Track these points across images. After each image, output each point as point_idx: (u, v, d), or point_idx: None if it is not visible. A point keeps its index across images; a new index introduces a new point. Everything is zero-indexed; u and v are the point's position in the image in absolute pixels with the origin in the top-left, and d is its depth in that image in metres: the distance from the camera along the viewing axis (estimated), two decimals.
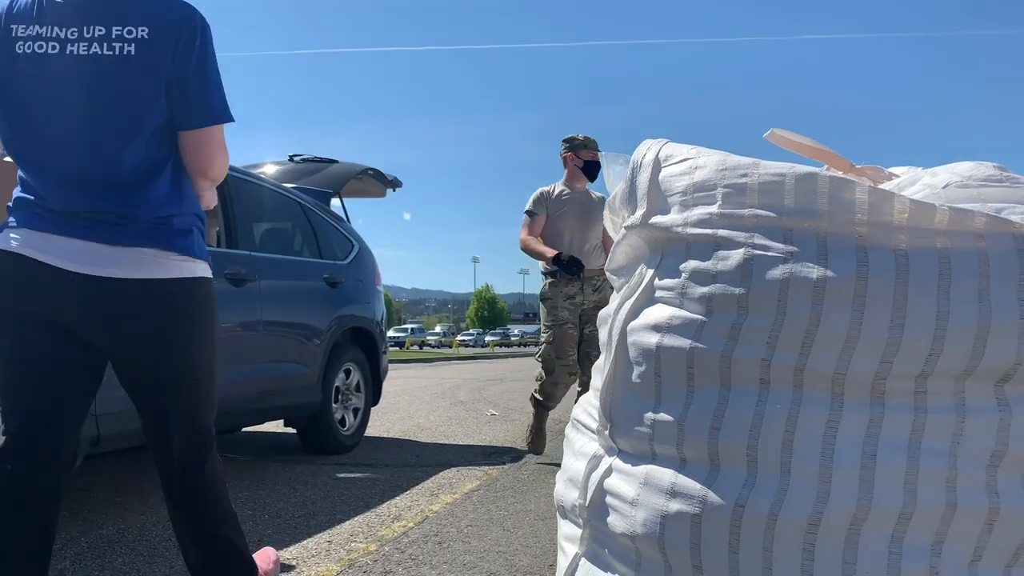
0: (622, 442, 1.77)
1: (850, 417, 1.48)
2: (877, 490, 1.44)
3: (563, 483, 1.98)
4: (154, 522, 3.12)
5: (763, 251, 1.55)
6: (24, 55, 1.61)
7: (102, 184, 1.65)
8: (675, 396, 1.65)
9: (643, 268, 1.82)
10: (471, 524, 3.19)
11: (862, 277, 1.46)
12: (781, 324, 1.51)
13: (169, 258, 1.69)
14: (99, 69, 1.61)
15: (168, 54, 1.64)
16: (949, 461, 1.44)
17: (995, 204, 1.53)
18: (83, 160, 1.64)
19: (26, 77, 1.62)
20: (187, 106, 1.70)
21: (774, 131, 2.01)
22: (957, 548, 1.43)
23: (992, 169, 1.67)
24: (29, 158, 1.67)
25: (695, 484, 1.57)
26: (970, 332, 1.43)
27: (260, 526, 3.11)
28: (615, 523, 1.70)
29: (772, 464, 1.50)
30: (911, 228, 1.48)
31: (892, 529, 1.43)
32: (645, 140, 1.90)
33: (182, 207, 1.74)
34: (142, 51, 1.62)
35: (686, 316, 1.64)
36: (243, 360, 3.92)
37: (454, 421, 6.88)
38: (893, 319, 1.44)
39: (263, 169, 5.95)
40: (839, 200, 1.51)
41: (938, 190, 1.64)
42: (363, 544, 2.87)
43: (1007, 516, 1.43)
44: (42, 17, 1.62)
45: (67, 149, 1.64)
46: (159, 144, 1.70)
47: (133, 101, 1.64)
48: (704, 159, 1.71)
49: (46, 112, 1.63)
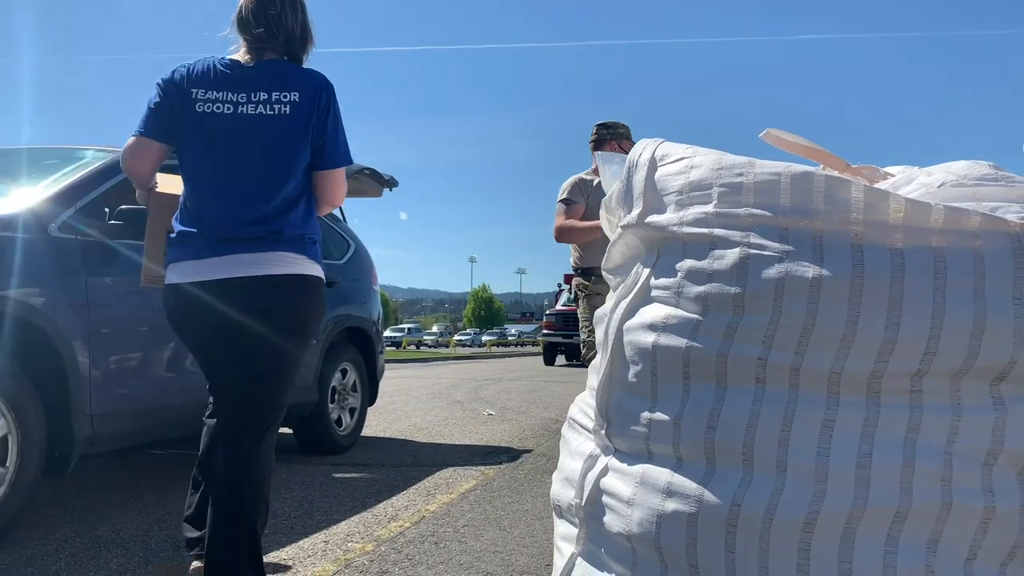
0: (618, 441, 1.77)
1: (846, 416, 1.48)
2: (873, 489, 1.44)
3: (559, 483, 1.98)
4: (150, 523, 3.11)
5: (759, 250, 1.55)
6: (203, 113, 2.09)
7: (261, 211, 2.09)
8: (671, 395, 1.65)
9: (639, 267, 1.82)
10: (468, 524, 3.18)
11: (858, 276, 1.46)
12: (777, 323, 1.51)
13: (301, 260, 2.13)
14: (263, 125, 2.08)
15: (313, 113, 2.12)
16: (945, 460, 1.44)
17: (990, 203, 1.54)
18: (249, 193, 2.09)
19: (206, 130, 2.09)
20: (324, 152, 2.17)
21: (769, 131, 2.01)
22: (952, 547, 1.44)
23: (987, 168, 1.67)
24: (205, 191, 2.11)
25: (691, 483, 1.57)
26: (965, 331, 1.43)
27: None
28: (611, 522, 1.70)
29: (768, 463, 1.51)
30: (907, 227, 1.48)
31: (888, 528, 1.43)
32: (641, 139, 1.90)
33: (311, 228, 2.19)
34: (294, 111, 2.10)
35: (682, 315, 1.64)
36: None
37: (451, 421, 6.88)
38: (889, 318, 1.44)
39: None
40: (835, 199, 1.52)
41: (934, 189, 1.64)
42: (360, 544, 2.87)
43: (1002, 515, 1.44)
44: (217, 84, 2.10)
45: (237, 186, 2.09)
46: (301, 181, 2.16)
47: (287, 149, 2.11)
48: (700, 158, 1.71)
49: (222, 157, 2.09)
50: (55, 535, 2.89)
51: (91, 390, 2.98)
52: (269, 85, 2.10)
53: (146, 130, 2.12)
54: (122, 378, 3.20)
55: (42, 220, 2.98)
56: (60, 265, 2.96)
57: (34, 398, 2.76)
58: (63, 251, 2.99)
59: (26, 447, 2.71)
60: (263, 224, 2.08)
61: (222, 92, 2.09)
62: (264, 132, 2.09)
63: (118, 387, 3.16)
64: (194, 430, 3.83)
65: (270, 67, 2.14)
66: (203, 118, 2.08)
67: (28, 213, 2.95)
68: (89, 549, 2.75)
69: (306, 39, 2.23)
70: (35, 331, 2.80)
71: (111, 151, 3.56)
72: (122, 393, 3.18)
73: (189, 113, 2.09)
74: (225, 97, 2.09)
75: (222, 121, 2.08)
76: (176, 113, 2.11)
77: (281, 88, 2.10)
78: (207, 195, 2.11)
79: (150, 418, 3.36)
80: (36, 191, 3.16)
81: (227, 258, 2.06)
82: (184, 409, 3.56)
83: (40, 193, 3.13)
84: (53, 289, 2.89)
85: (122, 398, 3.18)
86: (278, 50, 2.18)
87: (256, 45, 2.16)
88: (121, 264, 3.23)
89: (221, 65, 2.13)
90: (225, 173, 2.10)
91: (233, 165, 2.09)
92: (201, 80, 2.11)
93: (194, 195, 2.13)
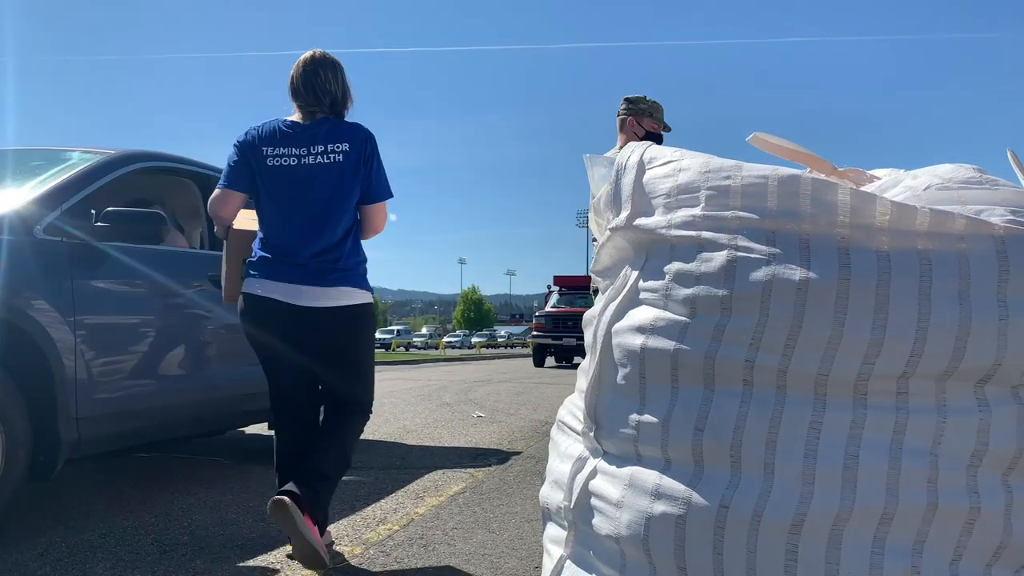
0: (607, 444, 1.78)
1: (833, 418, 1.49)
2: (860, 490, 1.45)
3: (548, 485, 1.98)
4: (136, 527, 3.09)
5: (746, 253, 1.55)
6: (273, 166, 2.61)
7: (323, 241, 2.60)
8: (659, 397, 1.65)
9: (628, 270, 1.82)
10: (457, 527, 3.18)
11: (844, 279, 1.47)
12: (764, 325, 1.52)
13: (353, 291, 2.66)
14: (322, 172, 2.59)
15: (361, 160, 2.63)
16: (930, 461, 1.45)
17: (975, 206, 1.55)
18: (313, 227, 2.59)
19: (276, 179, 2.61)
20: (370, 190, 2.69)
21: (757, 135, 2.02)
22: (938, 548, 1.44)
23: (972, 171, 1.68)
24: (278, 227, 2.62)
25: (679, 485, 1.57)
26: (951, 333, 1.44)
27: (245, 529, 3.09)
28: (600, 525, 1.70)
29: (756, 465, 1.51)
30: (893, 230, 1.49)
31: (874, 529, 1.44)
32: (629, 143, 1.90)
33: (359, 256, 2.72)
34: (346, 159, 2.61)
35: (670, 317, 1.65)
36: (228, 362, 3.90)
37: (440, 423, 6.86)
38: (875, 320, 1.45)
39: None
40: (821, 202, 1.52)
41: (919, 192, 1.65)
42: (348, 547, 2.86)
43: (987, 516, 1.45)
44: (282, 141, 2.61)
45: (304, 221, 2.59)
46: (352, 215, 2.68)
47: (343, 190, 2.61)
48: (688, 161, 1.72)
49: (291, 200, 2.60)
50: (41, 540, 2.87)
51: (77, 392, 2.96)
52: (324, 139, 2.61)
53: (229, 183, 2.66)
54: (108, 381, 3.18)
55: (27, 222, 2.96)
56: (45, 267, 2.94)
57: (19, 400, 2.74)
58: (49, 253, 2.97)
59: (11, 448, 2.69)
60: (325, 253, 2.60)
61: (287, 148, 2.61)
62: (323, 178, 2.60)
63: (104, 390, 3.14)
64: (181, 433, 3.83)
65: (324, 125, 2.64)
66: (273, 170, 2.61)
67: (13, 215, 2.93)
68: (75, 554, 2.73)
69: (347, 99, 2.73)
70: (20, 333, 2.78)
71: (97, 152, 3.54)
72: (108, 396, 3.16)
73: (262, 167, 2.62)
74: (290, 152, 2.60)
75: (289, 171, 2.60)
76: (251, 168, 2.63)
77: (334, 141, 2.61)
78: (281, 230, 2.61)
79: (137, 421, 3.34)
80: (21, 193, 3.14)
81: (296, 286, 2.58)
82: (171, 412, 3.55)
83: (26, 195, 3.11)
84: (38, 291, 2.87)
85: (108, 401, 3.16)
86: (325, 110, 2.67)
87: (308, 109, 2.66)
88: (108, 266, 3.21)
89: (284, 126, 2.66)
90: (294, 212, 2.60)
91: (300, 206, 2.60)
92: (269, 139, 2.63)
93: (270, 230, 2.64)
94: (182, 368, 3.61)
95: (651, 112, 3.76)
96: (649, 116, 3.75)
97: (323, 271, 2.59)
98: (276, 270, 2.59)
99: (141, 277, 3.40)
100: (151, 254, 3.47)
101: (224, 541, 2.92)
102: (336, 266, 2.61)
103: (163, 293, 3.53)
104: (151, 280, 3.46)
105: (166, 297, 3.55)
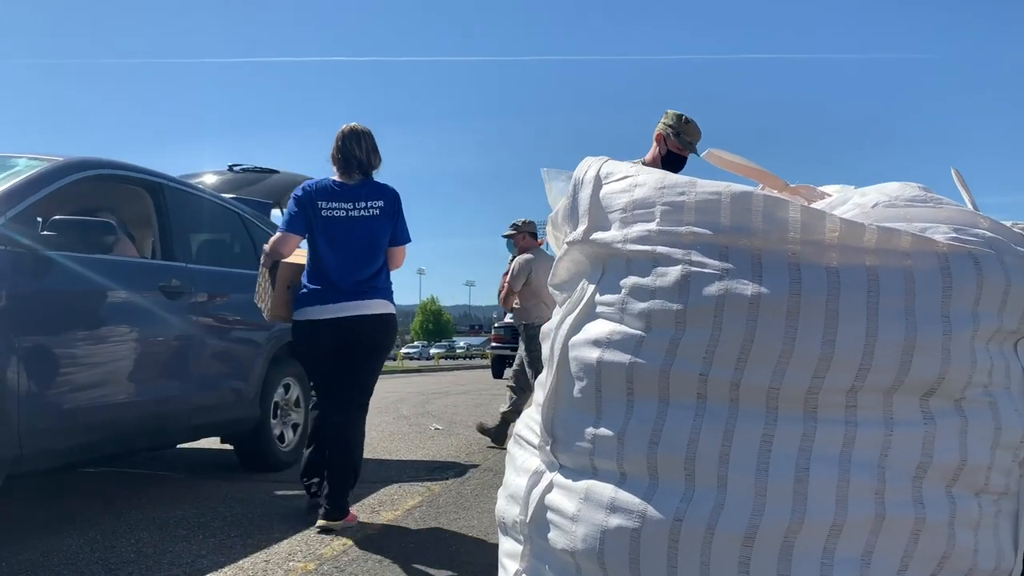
0: (563, 457, 1.78)
1: (784, 431, 1.51)
2: (810, 503, 1.47)
3: (504, 499, 1.97)
4: (81, 545, 3.00)
5: (700, 268, 1.57)
6: (326, 216, 3.37)
7: (363, 274, 3.40)
8: (615, 411, 1.66)
9: (585, 283, 1.83)
10: (412, 541, 3.15)
11: (795, 294, 1.50)
12: (718, 339, 1.54)
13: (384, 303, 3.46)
14: (363, 223, 3.37)
15: (391, 214, 3.44)
16: (878, 473, 1.48)
17: (920, 224, 1.59)
18: (356, 264, 3.39)
19: (329, 226, 3.37)
20: (396, 237, 3.52)
21: (711, 151, 2.05)
22: (886, 558, 1.47)
23: (917, 190, 1.73)
24: (329, 263, 3.37)
25: (634, 499, 1.58)
26: (897, 347, 1.48)
27: (195, 546, 3.02)
28: (556, 539, 1.70)
29: (709, 478, 1.53)
30: (842, 246, 1.53)
31: (824, 541, 1.46)
32: (587, 157, 1.91)
33: (388, 282, 3.54)
34: (381, 213, 3.43)
35: (626, 331, 1.66)
36: (177, 375, 3.82)
37: (396, 436, 6.80)
38: (825, 335, 1.48)
39: (202, 179, 5.82)
40: (773, 219, 1.55)
41: (867, 209, 1.69)
42: (301, 563, 2.81)
43: (932, 526, 1.48)
44: (333, 197, 3.39)
45: (349, 259, 3.38)
46: (383, 254, 3.49)
47: (377, 237, 3.42)
48: (644, 177, 1.74)
49: (339, 243, 3.37)
50: None
51: (19, 405, 2.86)
52: (365, 197, 3.43)
53: (289, 228, 3.42)
54: (53, 393, 3.08)
55: None
56: None
57: None
58: None
59: None
60: (365, 283, 3.41)
61: (337, 203, 3.40)
62: (364, 227, 3.41)
63: (49, 403, 3.05)
64: (129, 447, 3.73)
65: (365, 186, 3.46)
66: (326, 219, 3.38)
67: None
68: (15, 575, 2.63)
69: (377, 162, 3.51)
70: None
71: (45, 159, 3.45)
72: (53, 409, 3.06)
73: (317, 216, 3.38)
74: (339, 206, 3.39)
75: (339, 221, 3.39)
76: (308, 217, 3.39)
77: (372, 199, 3.44)
78: (331, 265, 3.38)
79: (83, 435, 3.25)
80: None
81: (341, 304, 3.35)
82: (119, 426, 3.45)
83: None
84: None
85: (53, 414, 3.06)
86: (361, 173, 3.47)
87: (347, 172, 3.45)
88: (54, 275, 3.12)
89: (335, 185, 3.44)
90: (342, 252, 3.38)
91: (346, 248, 3.38)
92: (322, 194, 3.41)
93: (322, 264, 3.39)
94: (131, 380, 3.52)
95: (679, 132, 3.59)
96: (676, 136, 3.59)
97: (361, 292, 3.38)
98: (325, 296, 3.36)
99: (89, 287, 3.32)
100: (100, 263, 3.39)
101: (173, 559, 2.85)
102: (370, 287, 3.41)
103: (112, 303, 3.44)
104: (99, 290, 3.37)
105: (115, 308, 3.46)
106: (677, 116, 3.60)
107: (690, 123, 3.57)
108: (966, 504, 1.53)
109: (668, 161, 3.54)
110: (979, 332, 1.53)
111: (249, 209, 5.03)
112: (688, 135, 3.58)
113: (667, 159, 3.55)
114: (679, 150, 3.58)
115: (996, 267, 1.53)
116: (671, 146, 3.58)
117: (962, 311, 1.51)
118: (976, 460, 1.53)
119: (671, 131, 3.58)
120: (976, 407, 1.54)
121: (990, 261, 1.53)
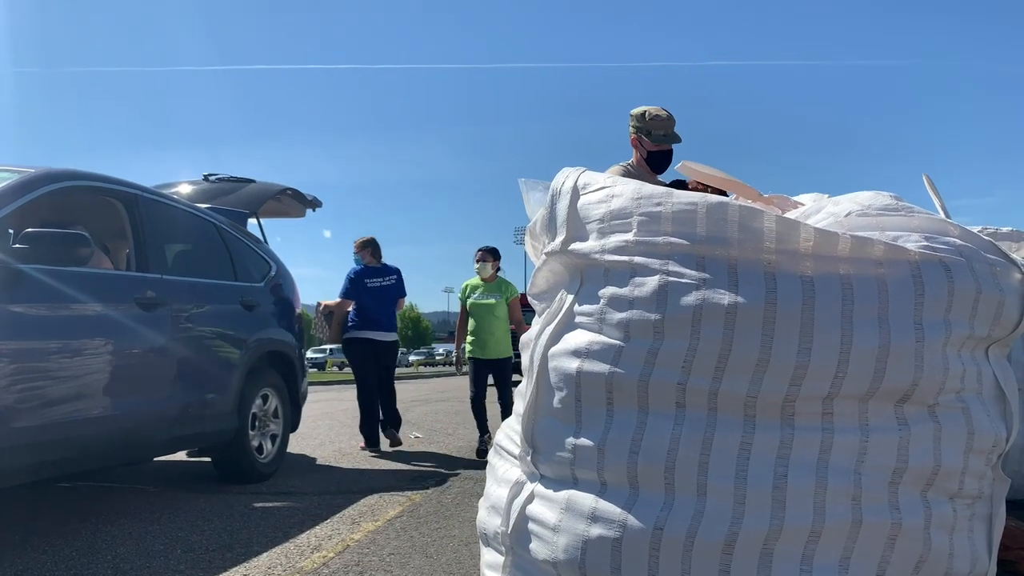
0: (544, 467, 1.78)
1: (762, 439, 1.53)
2: (789, 509, 1.49)
3: (485, 510, 1.97)
4: (55, 562, 2.95)
5: (677, 278, 1.59)
6: (369, 287, 6.05)
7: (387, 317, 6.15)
8: (595, 420, 1.67)
9: (563, 294, 1.84)
10: (393, 552, 3.13)
11: (771, 303, 1.52)
12: (695, 349, 1.55)
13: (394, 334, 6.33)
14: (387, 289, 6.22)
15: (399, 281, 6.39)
16: (855, 479, 1.51)
17: (893, 232, 1.62)
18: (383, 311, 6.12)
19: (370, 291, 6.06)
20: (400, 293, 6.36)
21: (685, 163, 2.07)
22: (863, 563, 1.49)
23: (889, 199, 1.76)
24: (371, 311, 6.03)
25: (615, 508, 1.59)
26: (871, 355, 1.50)
27: (172, 561, 2.98)
28: (537, 549, 1.70)
29: (689, 486, 1.54)
30: (816, 255, 1.55)
31: (803, 547, 1.48)
32: (564, 168, 1.93)
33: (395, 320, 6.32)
34: (396, 282, 6.28)
35: (605, 341, 1.67)
36: (153, 387, 3.77)
37: None
38: (801, 344, 1.50)
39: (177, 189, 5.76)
40: (748, 228, 1.57)
41: (840, 218, 1.72)
42: None
43: (907, 531, 1.50)
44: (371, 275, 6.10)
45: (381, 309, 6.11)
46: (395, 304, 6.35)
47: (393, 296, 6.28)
48: (620, 188, 1.75)
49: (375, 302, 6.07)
50: None
51: None
52: (385, 274, 6.10)
53: (347, 296, 5.95)
54: (25, 408, 3.03)
55: None
56: None
57: None
58: None
59: None
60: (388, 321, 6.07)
61: (372, 279, 6.00)
62: (388, 291, 6.10)
63: (21, 418, 3.00)
64: (104, 462, 3.68)
65: (386, 268, 6.14)
66: (368, 287, 5.98)
67: None
68: None
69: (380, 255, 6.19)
70: None
71: (17, 170, 3.40)
72: (25, 424, 3.01)
73: (363, 287, 5.96)
74: (374, 280, 6.00)
75: (375, 289, 6.01)
76: (357, 288, 5.96)
77: (390, 275, 6.13)
78: (371, 312, 5.96)
79: (56, 450, 3.20)
80: None
81: (378, 332, 5.97)
82: (93, 440, 3.41)
83: None
84: None
85: (25, 430, 3.01)
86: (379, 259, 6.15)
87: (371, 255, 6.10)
88: (26, 288, 3.08)
89: (372, 269, 6.09)
90: (377, 305, 5.99)
91: (378, 303, 6.00)
92: (366, 273, 6.00)
93: (366, 311, 5.95)
94: (106, 394, 3.47)
95: (648, 131, 3.40)
96: (648, 136, 3.40)
97: (386, 327, 6.02)
98: (369, 326, 5.95)
99: (62, 300, 3.27)
100: (74, 276, 3.34)
101: (150, 574, 2.81)
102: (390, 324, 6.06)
103: (86, 316, 3.40)
104: (73, 303, 3.33)
105: (90, 321, 3.42)
106: (640, 116, 3.44)
107: (655, 117, 3.42)
108: (941, 508, 1.55)
109: (652, 160, 3.43)
110: (951, 339, 1.56)
111: (225, 219, 4.99)
112: (658, 128, 3.42)
113: (651, 158, 3.43)
114: (656, 147, 3.44)
115: (967, 274, 1.56)
116: (647, 147, 3.45)
117: (934, 318, 1.53)
118: (950, 465, 1.55)
119: (641, 133, 3.45)
120: (949, 413, 1.57)
121: (960, 269, 1.56)
